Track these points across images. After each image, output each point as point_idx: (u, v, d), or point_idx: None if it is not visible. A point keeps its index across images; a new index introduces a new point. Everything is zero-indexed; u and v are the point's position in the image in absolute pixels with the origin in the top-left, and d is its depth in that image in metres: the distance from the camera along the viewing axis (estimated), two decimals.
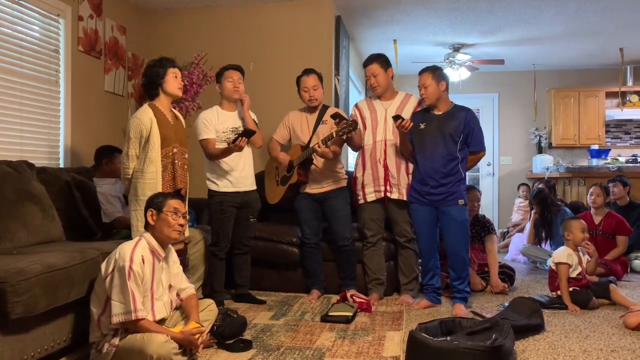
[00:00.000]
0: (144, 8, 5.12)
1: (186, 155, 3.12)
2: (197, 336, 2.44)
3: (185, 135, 3.18)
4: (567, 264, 3.62)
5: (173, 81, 3.02)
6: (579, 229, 3.72)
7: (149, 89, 3.03)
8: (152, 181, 2.88)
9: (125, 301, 2.30)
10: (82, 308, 2.50)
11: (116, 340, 2.34)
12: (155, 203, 2.53)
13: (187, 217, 2.62)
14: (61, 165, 4.03)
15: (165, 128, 2.96)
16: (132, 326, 2.33)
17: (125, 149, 2.92)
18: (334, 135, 3.40)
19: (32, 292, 2.15)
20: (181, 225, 2.55)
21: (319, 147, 3.46)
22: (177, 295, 2.63)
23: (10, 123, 3.59)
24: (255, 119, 3.65)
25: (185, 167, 3.10)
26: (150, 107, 2.96)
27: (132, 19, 5.01)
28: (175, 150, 3.00)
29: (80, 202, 3.55)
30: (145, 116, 2.89)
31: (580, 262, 3.69)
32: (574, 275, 3.64)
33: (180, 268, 2.69)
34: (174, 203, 2.54)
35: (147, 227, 2.54)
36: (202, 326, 2.53)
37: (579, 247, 3.74)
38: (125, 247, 2.39)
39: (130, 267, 2.31)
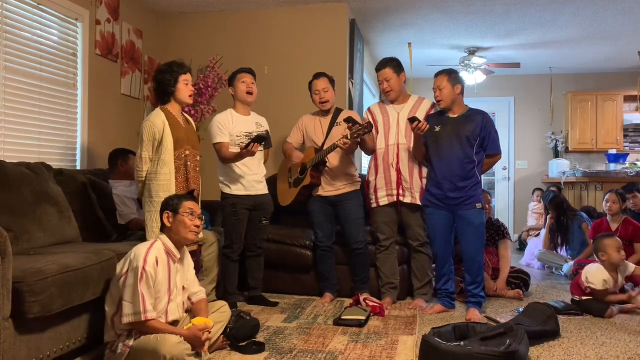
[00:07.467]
0: (160, 12, 5.17)
1: (198, 158, 3.14)
2: (203, 333, 2.43)
3: (197, 138, 3.21)
4: (604, 290, 3.47)
5: (184, 89, 3.04)
6: (614, 248, 3.45)
7: (160, 95, 3.06)
8: (166, 182, 2.91)
9: (134, 302, 2.32)
10: (97, 308, 2.52)
11: (130, 341, 2.36)
12: (170, 205, 2.55)
13: (202, 217, 2.64)
14: (78, 167, 4.09)
15: (177, 130, 2.99)
16: (140, 327, 2.34)
17: (139, 151, 2.95)
18: (349, 137, 3.40)
19: (48, 292, 2.18)
20: (197, 226, 2.57)
21: (346, 140, 3.38)
22: (189, 298, 2.64)
23: (28, 125, 3.64)
24: (267, 128, 3.67)
25: (197, 168, 3.13)
26: (163, 110, 3.01)
27: (148, 22, 5.06)
28: (187, 152, 3.03)
29: (96, 204, 3.58)
30: (157, 119, 2.93)
31: (616, 282, 3.51)
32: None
33: (194, 272, 2.72)
34: (189, 204, 2.56)
35: (163, 228, 2.56)
36: (209, 321, 2.52)
37: (619, 266, 3.50)
38: (141, 248, 2.41)
39: (143, 268, 2.33)
